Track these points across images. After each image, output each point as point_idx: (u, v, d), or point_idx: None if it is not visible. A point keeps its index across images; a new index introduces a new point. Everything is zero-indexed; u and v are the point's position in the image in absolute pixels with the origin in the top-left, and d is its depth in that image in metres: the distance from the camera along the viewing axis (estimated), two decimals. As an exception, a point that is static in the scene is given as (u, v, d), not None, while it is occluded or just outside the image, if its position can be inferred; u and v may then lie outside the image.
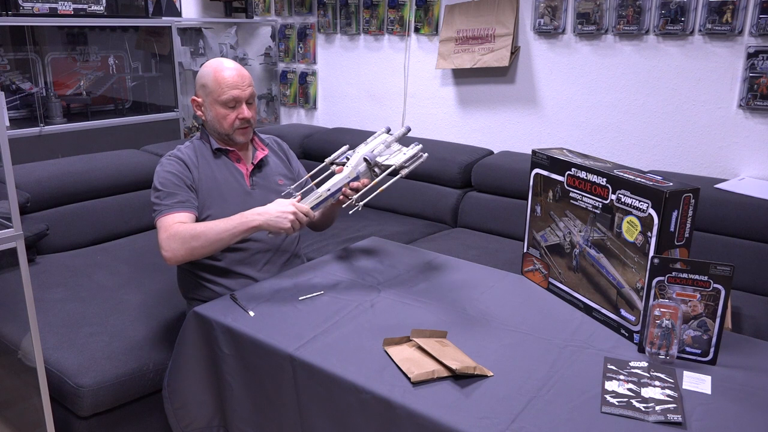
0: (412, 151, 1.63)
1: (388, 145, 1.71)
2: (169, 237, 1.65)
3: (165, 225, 1.68)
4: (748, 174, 2.49)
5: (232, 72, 1.78)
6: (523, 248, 1.80)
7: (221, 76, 1.76)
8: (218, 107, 1.78)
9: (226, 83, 1.76)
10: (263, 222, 1.61)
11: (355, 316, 1.53)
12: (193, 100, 1.84)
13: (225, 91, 1.76)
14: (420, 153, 1.63)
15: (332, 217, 1.96)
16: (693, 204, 1.35)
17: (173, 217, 1.70)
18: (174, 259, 1.65)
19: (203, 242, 1.63)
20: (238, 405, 1.51)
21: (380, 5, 3.43)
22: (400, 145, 1.71)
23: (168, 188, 1.74)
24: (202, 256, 1.69)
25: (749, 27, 2.37)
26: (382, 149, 1.69)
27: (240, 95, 1.78)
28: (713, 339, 1.33)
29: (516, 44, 2.98)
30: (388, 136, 1.75)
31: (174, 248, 1.64)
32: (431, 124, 3.39)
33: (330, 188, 1.64)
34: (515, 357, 1.35)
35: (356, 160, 1.67)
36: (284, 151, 2.02)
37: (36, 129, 3.00)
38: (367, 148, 1.71)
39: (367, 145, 1.73)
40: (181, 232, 1.65)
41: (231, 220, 1.64)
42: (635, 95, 2.71)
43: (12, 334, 1.90)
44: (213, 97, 1.78)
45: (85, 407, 1.71)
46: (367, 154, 1.66)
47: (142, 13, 3.36)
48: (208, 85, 1.78)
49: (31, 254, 2.40)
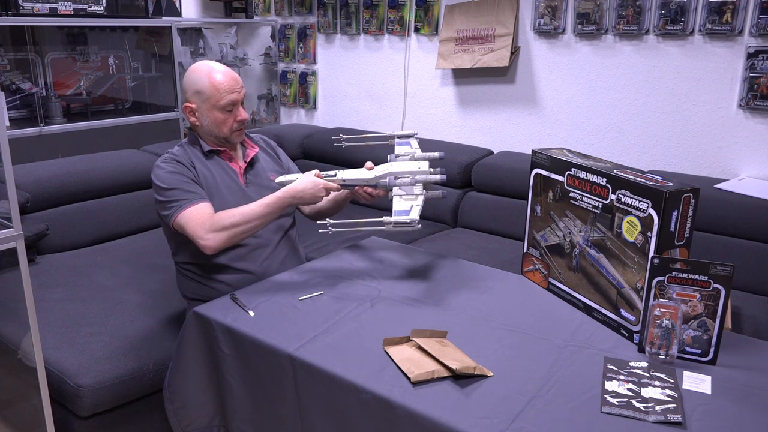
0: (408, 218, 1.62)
1: (413, 182, 1.72)
2: (207, 226, 1.67)
3: (195, 216, 1.69)
4: (748, 174, 2.49)
5: (227, 76, 1.77)
6: (523, 248, 1.80)
7: (217, 81, 1.75)
8: (217, 112, 1.77)
9: (223, 88, 1.75)
10: (299, 201, 1.73)
11: (355, 316, 1.53)
12: (186, 106, 1.81)
13: (223, 96, 1.76)
14: (414, 224, 1.62)
15: (341, 204, 1.97)
16: (693, 204, 1.35)
17: (198, 207, 1.70)
18: (215, 247, 1.69)
19: (247, 227, 1.69)
20: (239, 405, 1.51)
21: (380, 5, 3.43)
22: (422, 189, 1.73)
23: (179, 185, 1.73)
24: (242, 239, 1.74)
25: (749, 27, 2.37)
26: (405, 182, 1.72)
27: (237, 98, 1.78)
28: (713, 339, 1.33)
29: (516, 44, 2.98)
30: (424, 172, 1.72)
31: (215, 236, 1.67)
32: (431, 124, 3.39)
33: (346, 180, 1.76)
34: (515, 357, 1.35)
35: (385, 171, 1.73)
36: (272, 148, 2.03)
37: (36, 129, 3.00)
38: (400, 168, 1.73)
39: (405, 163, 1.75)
40: (222, 218, 1.68)
41: (269, 202, 1.70)
42: (635, 95, 2.71)
43: (12, 334, 1.90)
44: (211, 102, 1.77)
45: (85, 407, 1.71)
46: (390, 178, 1.72)
47: (142, 13, 3.35)
48: (205, 91, 1.76)
49: (31, 254, 2.40)
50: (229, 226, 1.67)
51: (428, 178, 1.72)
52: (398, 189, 1.72)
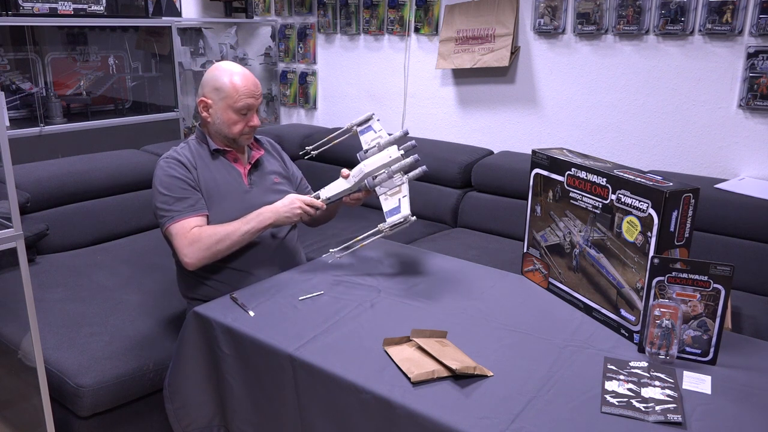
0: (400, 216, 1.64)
1: (390, 174, 1.73)
2: (191, 243, 1.69)
3: (181, 231, 1.71)
4: (748, 174, 2.49)
5: (248, 80, 1.79)
6: (523, 248, 1.80)
7: (238, 83, 1.77)
8: (231, 113, 1.78)
9: (242, 91, 1.77)
10: (277, 218, 1.75)
11: (355, 316, 1.53)
12: (202, 101, 1.82)
13: (241, 99, 1.77)
14: (408, 219, 1.64)
15: (332, 213, 2.00)
16: (693, 204, 1.35)
17: (188, 222, 1.72)
18: (197, 265, 1.72)
19: (228, 244, 1.72)
20: (239, 405, 1.51)
21: (380, 5, 3.43)
22: (402, 176, 1.73)
23: (175, 192, 1.74)
24: (223, 256, 1.76)
25: (749, 27, 2.37)
26: (384, 178, 1.73)
27: (254, 104, 1.80)
28: (713, 339, 1.33)
29: (516, 44, 2.98)
30: (397, 156, 1.74)
31: (197, 255, 1.70)
32: (431, 124, 3.39)
33: (330, 197, 1.80)
34: (515, 357, 1.35)
35: (361, 174, 1.75)
36: (278, 152, 2.04)
37: (36, 129, 3.00)
38: (372, 165, 1.74)
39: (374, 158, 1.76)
40: (204, 237, 1.70)
41: (249, 220, 1.74)
42: (635, 95, 2.71)
43: (12, 334, 1.90)
44: (227, 102, 1.77)
45: (85, 407, 1.71)
46: (368, 180, 1.74)
47: (142, 13, 3.35)
48: (224, 90, 1.77)
49: (31, 254, 2.40)
50: (211, 245, 1.71)
51: (402, 165, 1.74)
52: (380, 188, 1.74)
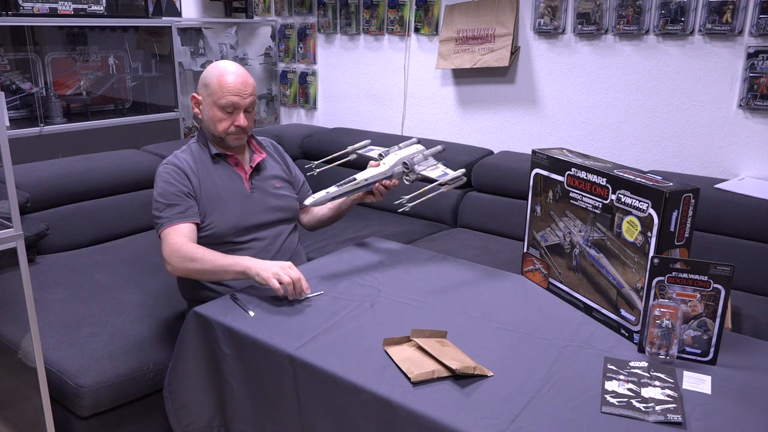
0: (456, 174, 1.70)
1: (425, 157, 1.82)
2: (171, 252, 1.69)
3: (167, 238, 1.71)
4: (748, 174, 2.49)
5: (236, 78, 1.77)
6: (523, 248, 1.80)
7: (224, 80, 1.76)
8: (215, 110, 1.78)
9: (227, 88, 1.75)
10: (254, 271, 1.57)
11: (355, 316, 1.53)
12: (193, 97, 1.84)
13: (224, 96, 1.76)
14: (462, 176, 1.70)
15: (343, 212, 2.00)
16: (693, 204, 1.35)
17: (175, 229, 1.72)
18: (174, 273, 1.72)
19: (199, 268, 1.66)
20: (239, 405, 1.51)
21: (380, 5, 3.43)
22: (435, 160, 1.82)
23: (168, 199, 1.75)
24: (195, 278, 1.75)
25: (749, 27, 2.37)
26: (420, 159, 1.80)
27: (239, 102, 1.77)
28: (713, 339, 1.32)
29: (516, 44, 2.98)
30: (423, 148, 1.86)
31: (174, 264, 1.68)
32: (431, 124, 3.39)
33: (368, 178, 1.73)
34: (515, 357, 1.35)
35: (393, 161, 1.78)
36: (281, 154, 2.02)
37: (36, 129, 3.00)
38: (405, 153, 1.82)
39: (401, 150, 1.84)
40: (182, 250, 1.67)
41: (228, 259, 1.65)
42: (635, 95, 2.71)
43: (12, 334, 1.89)
44: (213, 98, 1.77)
45: (85, 407, 1.71)
46: (406, 159, 1.78)
47: (142, 13, 3.36)
48: (210, 86, 1.77)
49: (31, 254, 2.40)
50: (185, 260, 1.65)
51: (432, 151, 1.85)
52: (418, 166, 1.78)
